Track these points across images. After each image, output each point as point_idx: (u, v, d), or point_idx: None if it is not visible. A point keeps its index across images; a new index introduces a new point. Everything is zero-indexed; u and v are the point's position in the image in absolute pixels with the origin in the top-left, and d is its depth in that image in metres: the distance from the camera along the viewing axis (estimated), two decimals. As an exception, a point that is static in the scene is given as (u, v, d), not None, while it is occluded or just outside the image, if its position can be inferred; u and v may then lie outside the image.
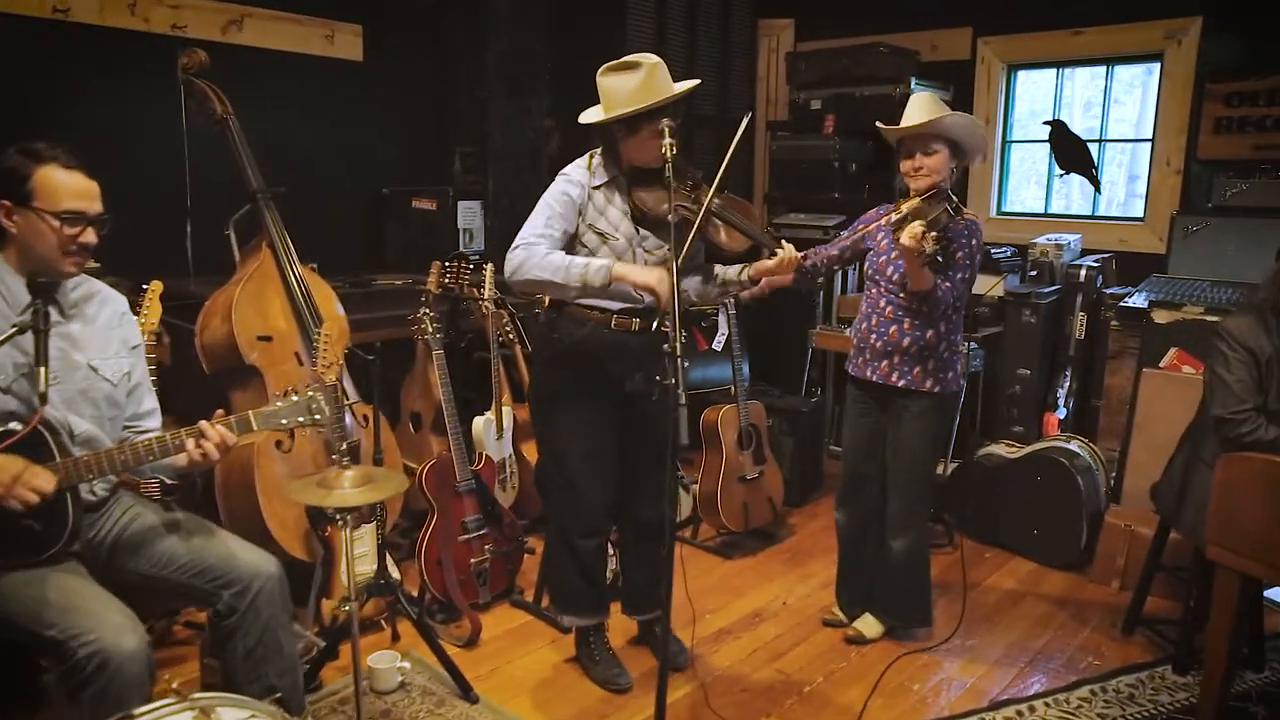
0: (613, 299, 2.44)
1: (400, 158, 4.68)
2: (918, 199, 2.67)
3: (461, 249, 4.60)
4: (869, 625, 3.04)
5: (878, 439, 2.93)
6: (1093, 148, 4.64)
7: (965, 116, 2.71)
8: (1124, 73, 4.86)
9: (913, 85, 4.65)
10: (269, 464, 2.88)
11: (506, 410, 3.62)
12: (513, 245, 2.40)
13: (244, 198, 3.20)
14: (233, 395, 3.03)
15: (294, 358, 3.04)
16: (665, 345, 1.84)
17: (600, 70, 2.41)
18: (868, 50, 4.79)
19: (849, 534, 3.08)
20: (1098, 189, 4.70)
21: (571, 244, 2.47)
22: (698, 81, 2.49)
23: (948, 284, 2.69)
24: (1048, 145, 4.69)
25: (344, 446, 2.93)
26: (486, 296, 3.50)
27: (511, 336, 3.74)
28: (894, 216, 2.72)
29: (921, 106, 2.69)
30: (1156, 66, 4.65)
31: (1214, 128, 4.33)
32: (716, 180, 2.30)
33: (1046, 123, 4.66)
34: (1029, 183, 5.25)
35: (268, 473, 2.87)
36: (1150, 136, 4.60)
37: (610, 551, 2.96)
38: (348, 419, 3.07)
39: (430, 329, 3.14)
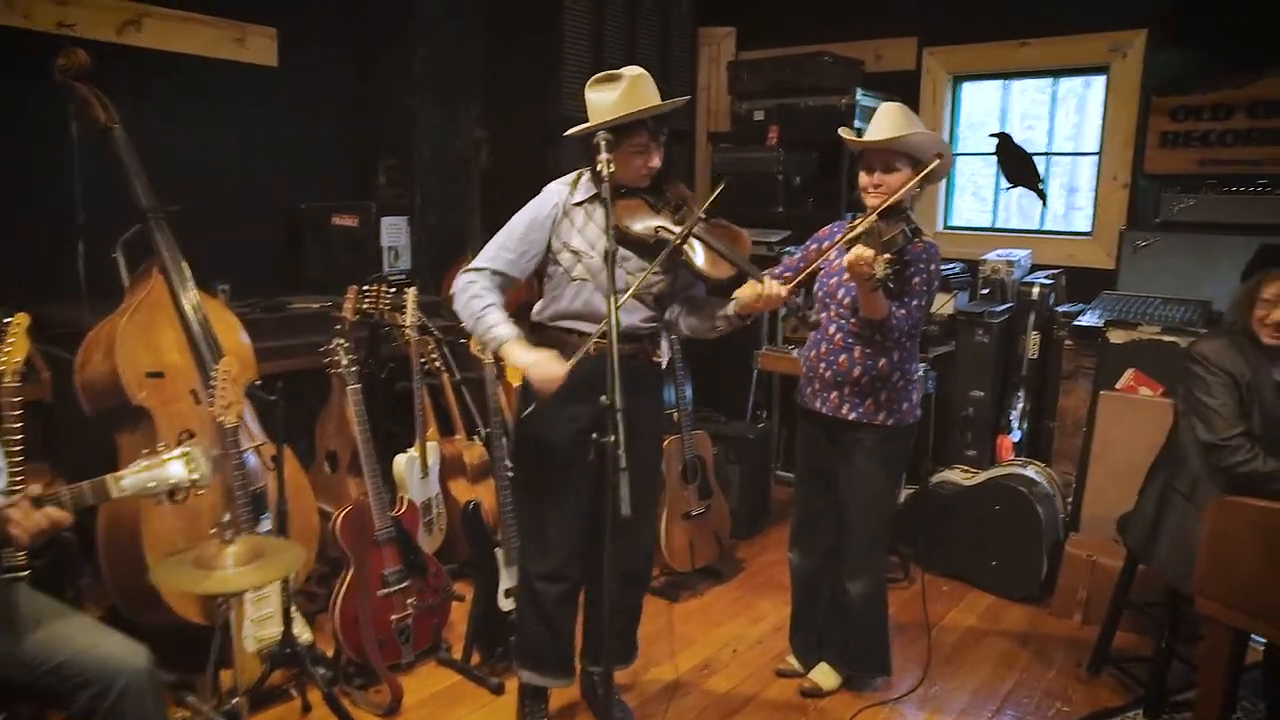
0: (592, 319, 2.30)
1: (319, 171, 4.37)
2: (873, 217, 2.47)
3: (386, 268, 4.31)
4: (825, 676, 2.83)
5: (830, 475, 2.73)
6: (1038, 161, 4.54)
7: (934, 136, 2.53)
8: (1060, 86, 4.79)
9: (858, 96, 4.51)
10: (158, 517, 2.56)
11: (432, 445, 3.35)
12: (464, 269, 2.33)
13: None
14: (120, 439, 2.71)
15: (189, 396, 2.73)
16: (603, 397, 1.59)
17: (588, 83, 2.32)
18: (812, 60, 4.63)
19: (803, 575, 2.87)
20: (1044, 203, 4.60)
21: (545, 261, 2.36)
22: (686, 98, 2.38)
23: (903, 311, 2.50)
24: (994, 158, 4.58)
25: (248, 491, 2.67)
26: (409, 323, 3.23)
27: (438, 364, 3.46)
28: (847, 235, 2.53)
29: (890, 119, 2.50)
30: (1094, 80, 4.60)
31: (1160, 142, 4.28)
32: (704, 205, 2.22)
33: (993, 136, 4.54)
34: (965, 195, 5.14)
35: (157, 527, 2.55)
36: (1096, 150, 4.52)
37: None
38: (252, 461, 2.77)
39: (345, 361, 2.85)
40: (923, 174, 2.48)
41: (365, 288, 3.25)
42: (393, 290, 3.31)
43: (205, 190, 3.86)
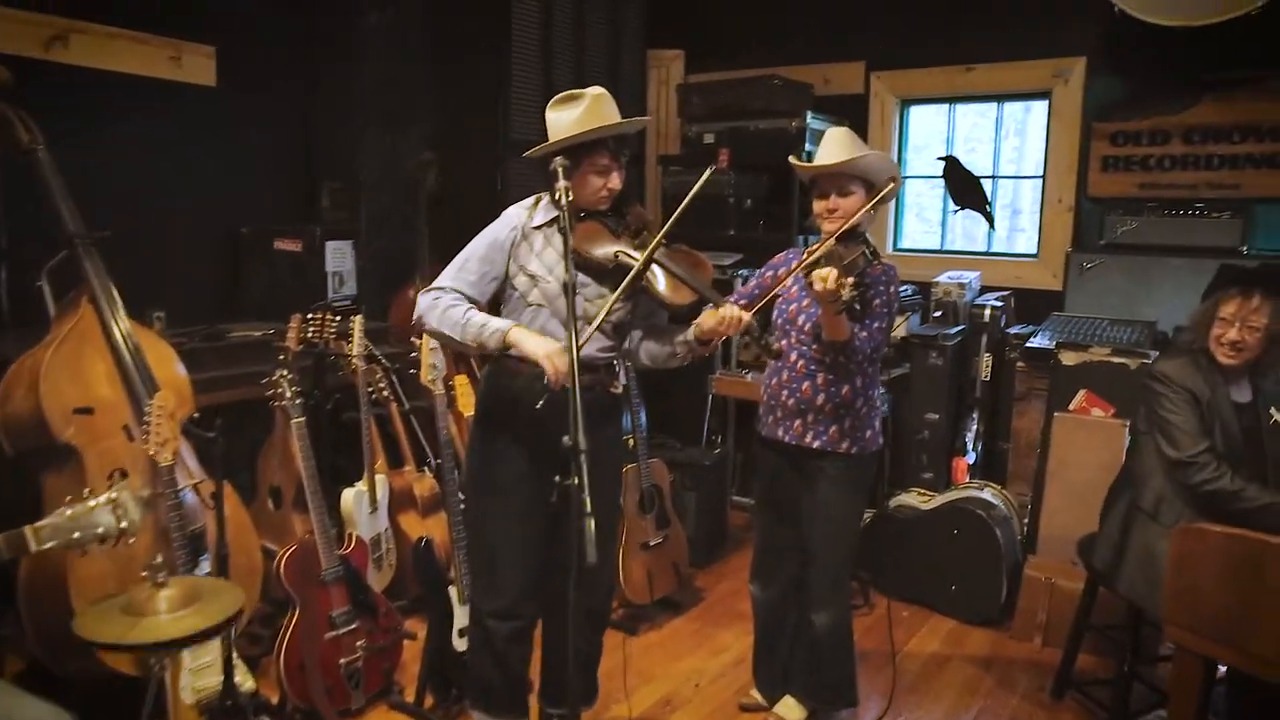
0: None
1: (260, 194, 4.23)
2: (831, 241, 2.44)
3: (331, 294, 4.18)
4: (791, 709, 2.77)
5: (793, 505, 2.67)
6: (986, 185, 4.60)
7: (884, 157, 2.51)
8: (1002, 111, 4.87)
9: (808, 119, 4.52)
10: (87, 561, 2.40)
11: (380, 479, 3.23)
12: (424, 289, 2.22)
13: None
14: (45, 481, 2.54)
15: (121, 432, 2.58)
16: (565, 438, 1.51)
17: (549, 104, 2.25)
18: (762, 83, 4.63)
19: (766, 609, 2.81)
20: (992, 225, 4.65)
21: (502, 287, 2.29)
22: (648, 119, 2.32)
23: (864, 333, 2.47)
24: (941, 181, 4.62)
25: (185, 532, 2.53)
26: (355, 351, 3.11)
27: (386, 394, 3.35)
28: (806, 260, 2.50)
29: (839, 143, 2.48)
30: (1034, 105, 4.68)
31: (1102, 166, 4.36)
32: (664, 229, 2.15)
33: (941, 158, 4.59)
34: (909, 216, 5.19)
35: (85, 573, 2.39)
36: (1040, 174, 4.59)
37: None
38: (190, 499, 2.63)
39: (288, 393, 2.72)
40: (879, 196, 2.47)
41: (309, 316, 3.13)
42: (338, 318, 3.19)
43: (140, 214, 3.70)
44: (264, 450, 3.21)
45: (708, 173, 2.21)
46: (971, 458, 3.98)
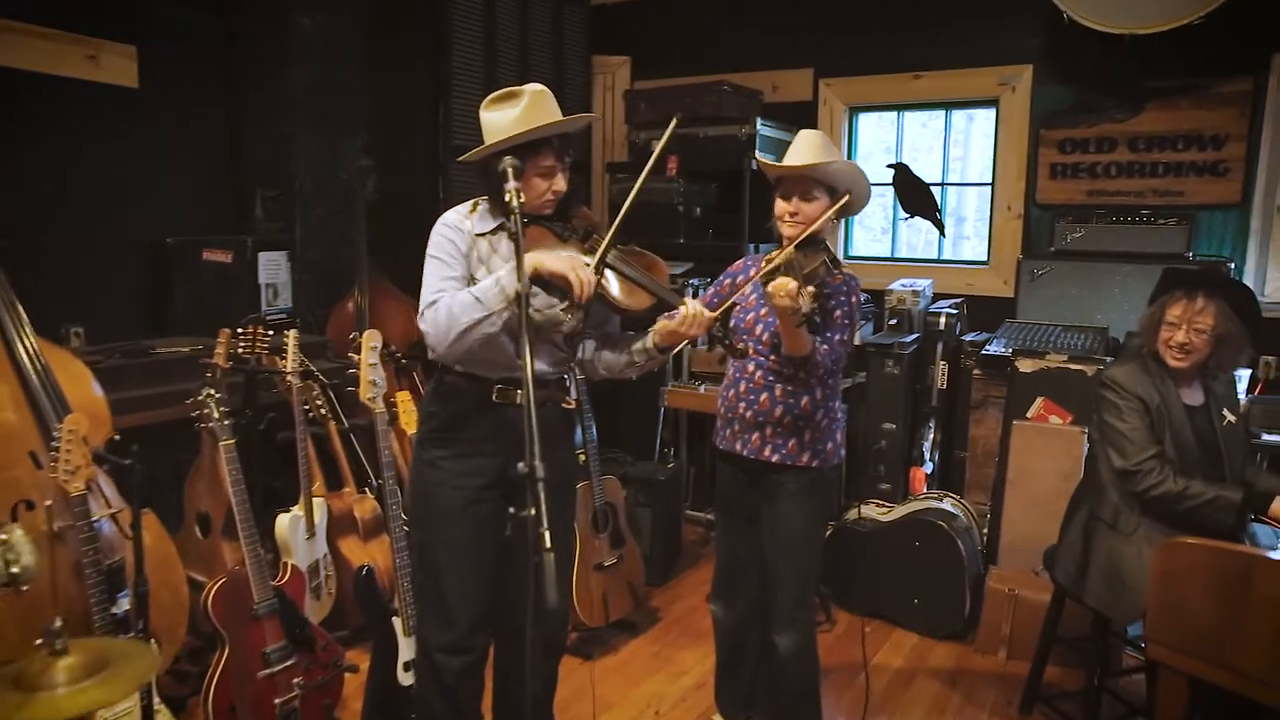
0: (498, 365, 2.05)
1: (188, 202, 4.01)
2: (791, 248, 2.34)
3: (264, 307, 3.98)
4: (756, 734, 2.66)
5: (753, 521, 2.57)
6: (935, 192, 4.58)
7: (854, 166, 2.43)
8: (942, 119, 4.87)
9: (759, 126, 4.45)
10: (-11, 604, 2.18)
11: (318, 502, 3.04)
12: (419, 314, 2.01)
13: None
14: (-60, 512, 2.31)
15: (27, 460, 2.36)
16: (520, 464, 1.35)
17: (484, 102, 2.08)
18: (711, 89, 4.56)
19: (727, 629, 2.69)
20: (942, 233, 4.62)
21: None
22: (594, 115, 2.18)
23: (825, 346, 2.37)
24: (890, 188, 4.59)
25: (100, 569, 2.32)
26: (290, 367, 2.93)
27: (323, 411, 3.17)
28: (765, 268, 2.40)
29: (811, 145, 2.38)
30: (977, 114, 4.69)
31: (1050, 173, 4.37)
32: (612, 229, 2.02)
33: (890, 166, 4.56)
34: (854, 224, 5.16)
35: (-14, 617, 2.17)
36: (990, 181, 4.59)
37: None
38: (107, 530, 2.42)
39: (216, 414, 2.53)
40: (839, 204, 2.38)
41: (240, 330, 2.94)
42: (271, 332, 3.01)
43: (57, 224, 3.48)
44: (191, 475, 2.99)
45: (671, 125, 2.08)
46: (929, 468, 3.93)
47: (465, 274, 2.06)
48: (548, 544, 1.27)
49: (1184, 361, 2.44)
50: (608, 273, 2.05)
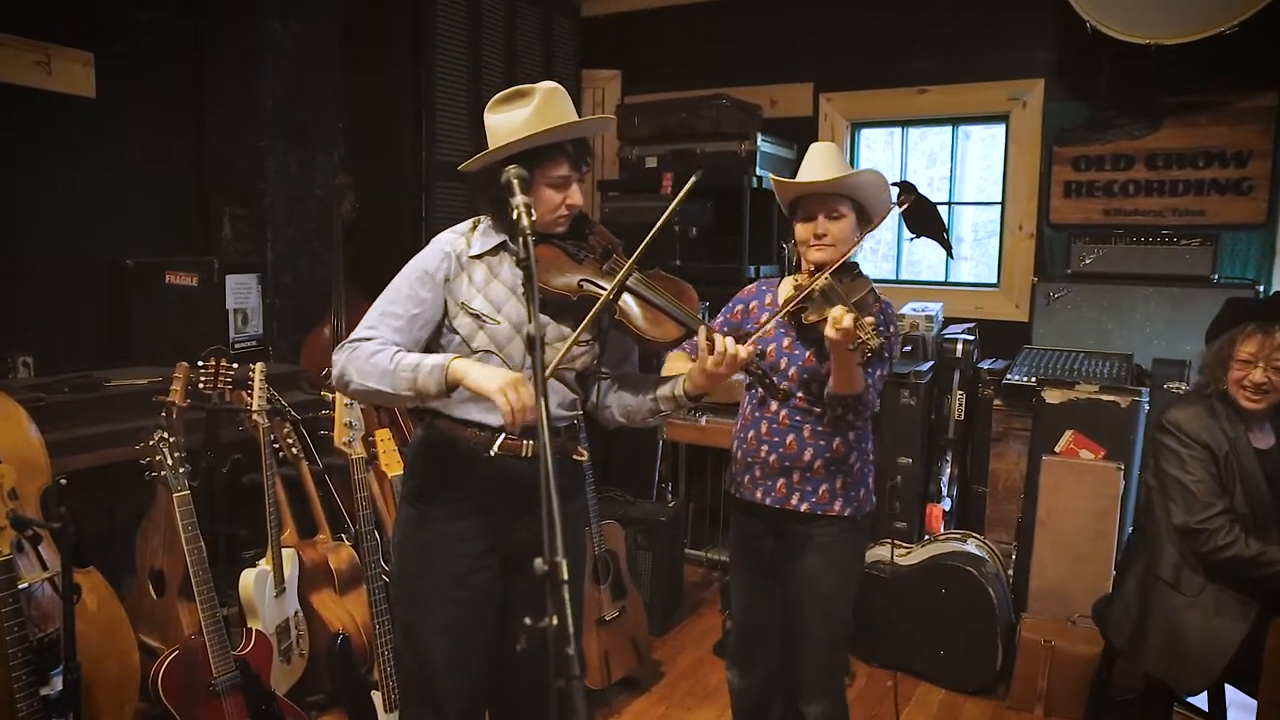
0: (491, 408, 1.75)
1: (149, 220, 3.72)
2: (826, 275, 2.09)
3: (233, 334, 3.68)
4: (780, 814, 2.38)
5: (775, 579, 2.30)
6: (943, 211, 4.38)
7: (877, 174, 2.19)
8: (938, 138, 4.68)
9: (759, 141, 4.23)
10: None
11: (288, 553, 2.73)
12: (339, 345, 1.77)
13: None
14: None
15: (-52, 516, 2.05)
16: (538, 563, 1.05)
17: (489, 104, 1.82)
18: (708, 103, 4.33)
19: (746, 698, 2.41)
20: (950, 254, 4.42)
21: (438, 331, 1.85)
22: (611, 117, 1.98)
23: (869, 381, 2.12)
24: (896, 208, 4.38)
25: (27, 644, 2.02)
26: (256, 405, 2.64)
27: (295, 451, 2.88)
28: (797, 296, 2.15)
29: (827, 159, 2.14)
30: (974, 131, 4.50)
31: (1064, 192, 4.18)
32: (639, 250, 1.76)
33: (895, 184, 4.34)
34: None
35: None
36: (1000, 200, 4.39)
37: None
38: (42, 595, 2.12)
39: (169, 460, 2.24)
40: (879, 220, 2.16)
41: (200, 364, 2.65)
42: (235, 364, 2.72)
43: (2, 243, 3.19)
44: (143, 527, 2.68)
45: (693, 179, 1.81)
46: (947, 504, 3.68)
47: (418, 315, 1.80)
48: (577, 669, 0.97)
49: (1260, 403, 2.21)
50: (628, 299, 1.79)
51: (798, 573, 2.24)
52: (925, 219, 4.38)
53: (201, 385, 2.64)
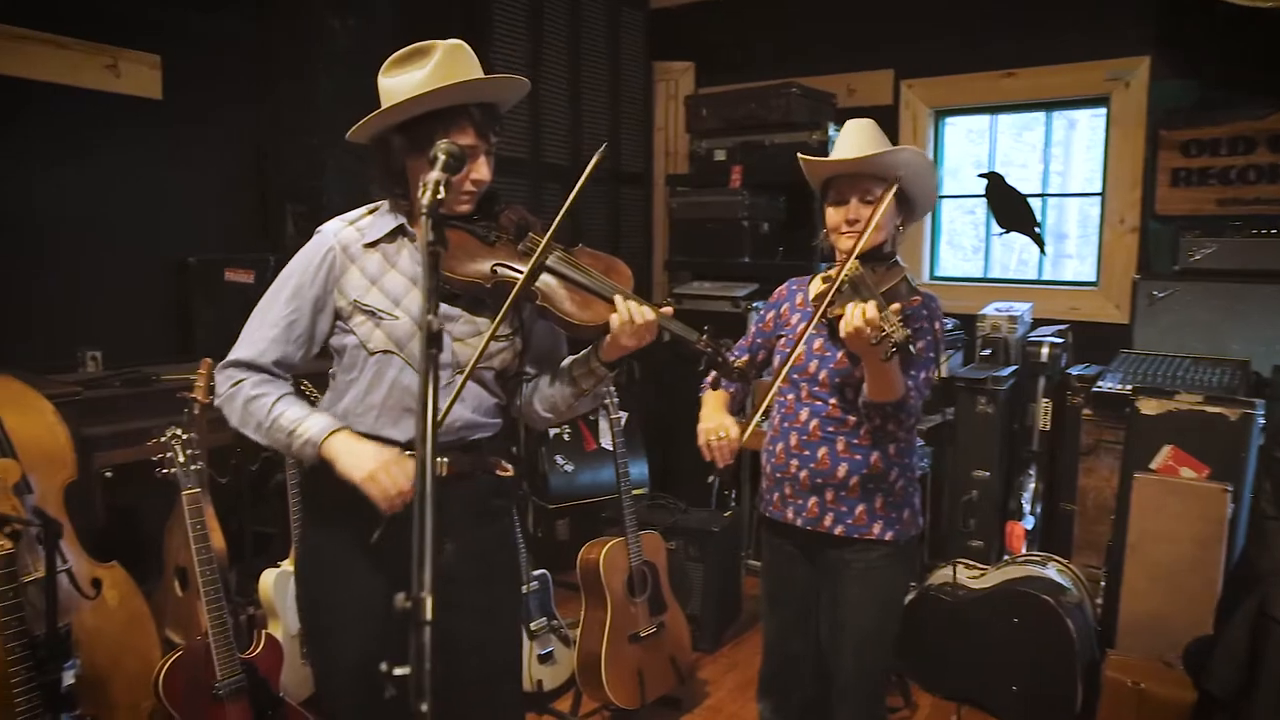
0: (409, 415, 1.61)
1: (212, 219, 3.77)
2: (854, 263, 1.87)
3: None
4: None
5: (809, 606, 2.09)
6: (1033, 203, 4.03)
7: (920, 153, 1.96)
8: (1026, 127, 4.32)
9: (831, 131, 3.99)
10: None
11: (314, 555, 2.67)
12: (219, 366, 1.64)
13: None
14: None
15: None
16: (399, 598, 0.89)
17: (384, 66, 1.64)
18: (778, 92, 4.12)
19: (778, 732, 2.21)
20: (1043, 249, 4.08)
21: (329, 333, 1.66)
22: (525, 80, 1.66)
23: (911, 385, 1.89)
24: (983, 200, 4.07)
25: (27, 639, 2.00)
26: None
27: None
28: (819, 291, 1.94)
29: (861, 135, 1.92)
30: (1085, 118, 4.13)
31: (1171, 180, 3.78)
32: (554, 223, 1.56)
33: (982, 175, 4.04)
34: (940, 241, 4.62)
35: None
36: (1100, 190, 4.02)
37: None
38: (60, 587, 2.10)
39: (182, 458, 2.20)
40: (916, 210, 1.94)
41: (230, 359, 2.61)
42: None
43: (75, 242, 3.27)
44: (169, 524, 2.66)
45: (597, 155, 1.53)
46: (1029, 523, 3.36)
47: (297, 323, 1.61)
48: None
49: None
50: (551, 280, 1.59)
51: (833, 603, 2.03)
52: (1014, 211, 4.08)
53: (231, 381, 2.61)
